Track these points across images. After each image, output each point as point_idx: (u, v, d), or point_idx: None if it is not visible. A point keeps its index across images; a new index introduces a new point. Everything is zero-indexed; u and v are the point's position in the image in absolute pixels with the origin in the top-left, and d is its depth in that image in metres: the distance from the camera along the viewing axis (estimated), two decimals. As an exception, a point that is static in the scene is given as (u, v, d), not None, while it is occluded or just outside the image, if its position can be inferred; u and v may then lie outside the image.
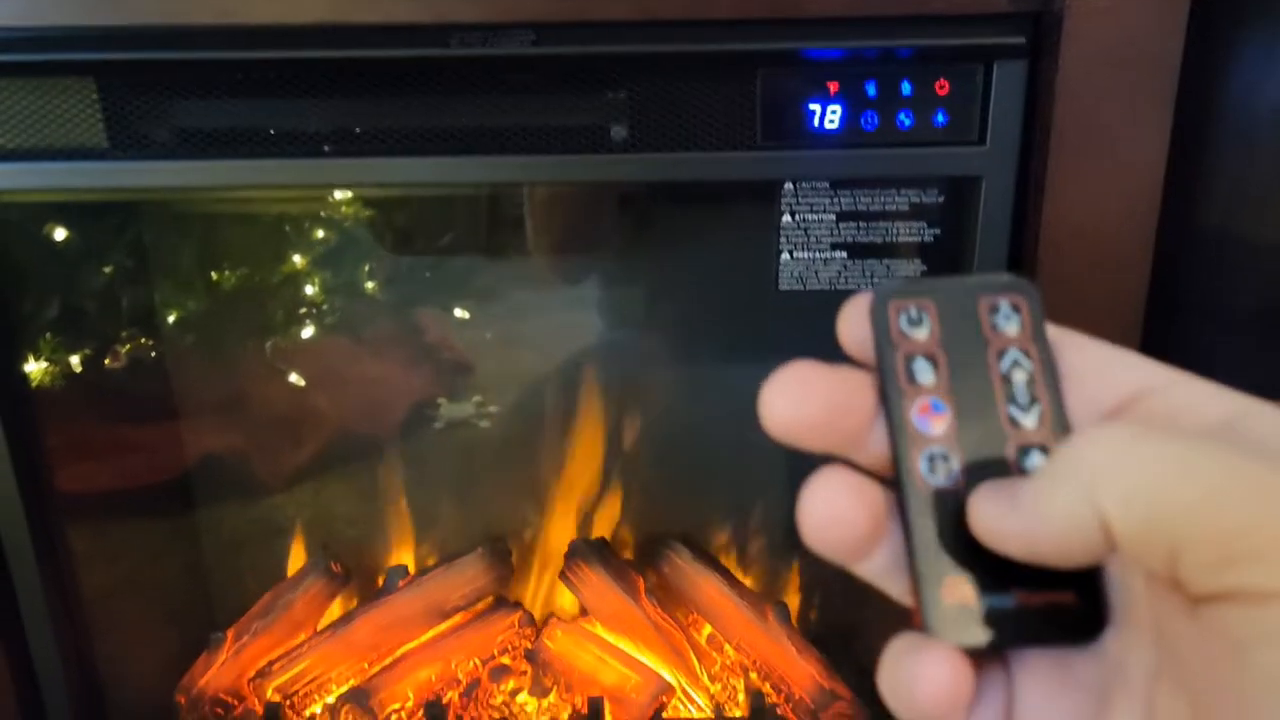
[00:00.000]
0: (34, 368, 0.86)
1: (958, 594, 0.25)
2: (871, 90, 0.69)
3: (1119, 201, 0.69)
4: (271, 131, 0.70)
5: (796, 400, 0.25)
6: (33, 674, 0.84)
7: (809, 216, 0.75)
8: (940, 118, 0.69)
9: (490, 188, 0.96)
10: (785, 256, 0.76)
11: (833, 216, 0.75)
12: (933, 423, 0.26)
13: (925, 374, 0.26)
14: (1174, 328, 0.76)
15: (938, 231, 0.75)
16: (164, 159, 0.70)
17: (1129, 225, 0.70)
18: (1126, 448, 0.22)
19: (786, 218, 0.75)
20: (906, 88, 0.69)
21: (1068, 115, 0.67)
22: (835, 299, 0.27)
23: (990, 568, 0.24)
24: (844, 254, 0.76)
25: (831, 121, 0.69)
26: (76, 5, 0.65)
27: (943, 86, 0.68)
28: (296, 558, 1.10)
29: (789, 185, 0.74)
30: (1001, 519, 0.24)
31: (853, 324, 0.27)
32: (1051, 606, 0.24)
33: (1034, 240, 0.70)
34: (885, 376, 0.26)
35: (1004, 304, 0.26)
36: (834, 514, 0.25)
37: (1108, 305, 0.71)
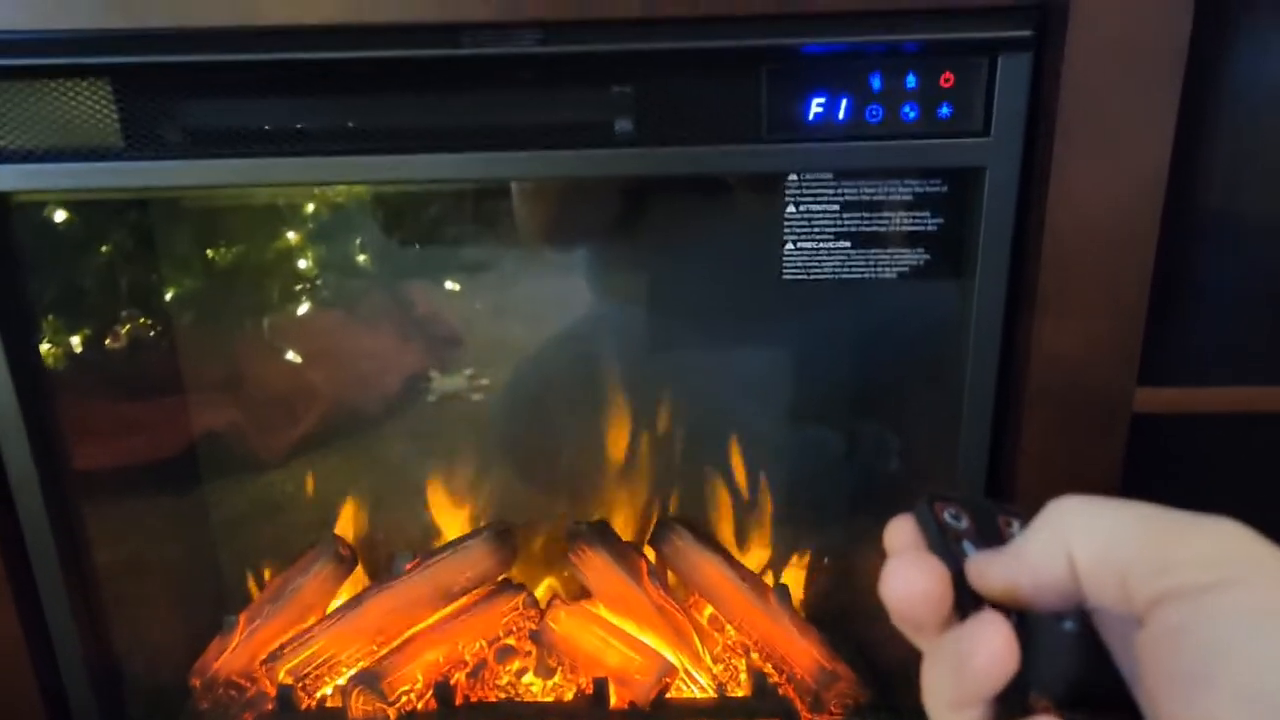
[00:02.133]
0: (44, 348, 0.86)
1: (1040, 704, 0.30)
2: (876, 83, 0.69)
3: (1124, 191, 0.69)
4: (285, 129, 0.70)
5: (911, 578, 0.31)
6: (52, 655, 0.85)
7: (813, 207, 0.75)
8: (945, 110, 0.69)
9: (495, 182, 0.96)
10: (790, 246, 0.76)
11: (837, 207, 0.75)
12: None
13: (970, 549, 0.32)
14: (1178, 316, 0.76)
15: (941, 221, 0.75)
16: (180, 158, 0.71)
17: (1133, 214, 0.70)
18: (1088, 507, 0.30)
19: (791, 208, 0.75)
20: (911, 81, 0.69)
21: (1073, 106, 0.67)
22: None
23: (1058, 684, 0.29)
24: (848, 244, 0.76)
25: (836, 114, 0.69)
26: (92, 9, 0.65)
27: (948, 80, 0.68)
28: (305, 532, 1.11)
29: (793, 177, 0.74)
30: (989, 563, 0.31)
31: (898, 527, 0.34)
32: None
33: (1038, 229, 0.71)
34: (940, 552, 0.32)
35: (1016, 522, 0.34)
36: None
37: (1111, 294, 0.72)
